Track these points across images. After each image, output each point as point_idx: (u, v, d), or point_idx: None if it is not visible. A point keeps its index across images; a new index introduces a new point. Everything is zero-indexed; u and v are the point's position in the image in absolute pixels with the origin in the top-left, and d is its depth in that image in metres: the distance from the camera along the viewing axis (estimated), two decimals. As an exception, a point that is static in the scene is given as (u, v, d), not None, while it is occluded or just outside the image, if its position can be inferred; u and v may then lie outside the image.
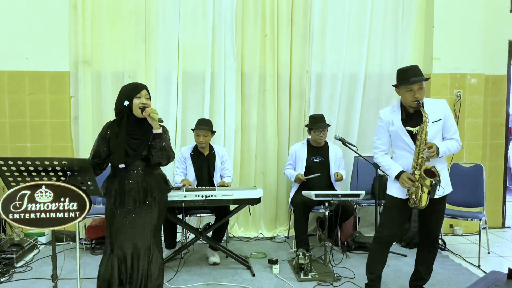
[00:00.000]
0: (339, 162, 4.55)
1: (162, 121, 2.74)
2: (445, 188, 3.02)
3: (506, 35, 5.20)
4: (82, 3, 4.61)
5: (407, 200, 3.01)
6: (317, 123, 4.39)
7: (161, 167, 3.02)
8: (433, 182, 2.85)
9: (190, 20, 4.80)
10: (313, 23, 4.93)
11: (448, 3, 4.92)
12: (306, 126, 4.54)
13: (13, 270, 3.82)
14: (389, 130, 3.09)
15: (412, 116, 3.02)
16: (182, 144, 4.79)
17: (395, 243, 4.68)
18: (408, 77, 2.94)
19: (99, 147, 2.87)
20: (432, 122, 2.96)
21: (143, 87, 2.87)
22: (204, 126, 4.17)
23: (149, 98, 2.87)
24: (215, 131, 4.30)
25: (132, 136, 2.82)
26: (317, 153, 4.48)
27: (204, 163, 4.27)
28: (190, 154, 4.29)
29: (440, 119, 3.01)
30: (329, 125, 4.48)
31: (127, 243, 2.83)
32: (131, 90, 2.83)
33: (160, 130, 2.78)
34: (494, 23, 5.11)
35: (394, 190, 3.08)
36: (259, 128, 4.99)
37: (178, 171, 4.29)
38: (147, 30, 4.75)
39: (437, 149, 2.90)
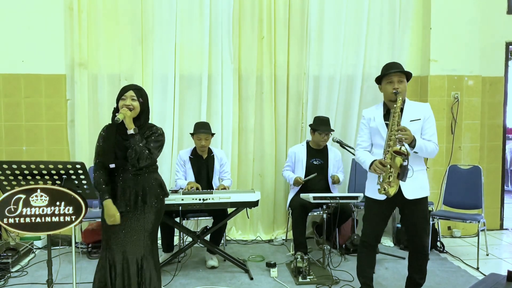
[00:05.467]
0: (338, 165, 4.54)
1: (117, 121, 2.70)
2: (422, 190, 3.01)
3: (503, 36, 5.21)
4: (78, 5, 4.59)
5: (382, 201, 2.98)
6: (323, 125, 4.40)
7: (161, 171, 2.99)
8: (404, 161, 2.77)
9: (186, 22, 4.78)
10: (310, 25, 4.93)
11: (445, 4, 4.93)
12: (310, 125, 4.51)
13: (9, 275, 3.78)
14: (370, 127, 3.10)
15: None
16: (179, 147, 4.77)
17: (393, 245, 4.68)
18: (388, 70, 3.01)
19: (101, 147, 2.87)
20: (410, 120, 2.96)
21: (129, 88, 2.84)
22: (205, 130, 4.15)
23: (137, 99, 2.81)
24: (214, 133, 4.29)
25: (123, 137, 2.81)
26: (317, 156, 4.47)
27: (203, 166, 4.25)
28: (189, 157, 4.26)
29: (419, 119, 3.00)
30: (333, 130, 4.49)
31: (119, 248, 2.81)
32: (119, 93, 2.85)
33: (131, 131, 2.73)
34: (491, 24, 5.13)
35: (371, 191, 3.09)
36: (256, 131, 4.97)
37: (179, 174, 4.27)
38: (143, 32, 4.73)
39: (414, 138, 2.85)
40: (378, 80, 3.10)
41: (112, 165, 2.80)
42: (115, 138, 2.81)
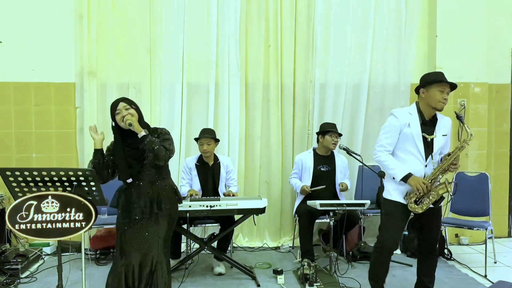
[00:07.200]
0: (345, 172, 4.55)
1: (130, 125, 2.75)
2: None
3: (509, 43, 5.22)
4: (88, 14, 4.66)
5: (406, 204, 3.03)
6: (332, 127, 4.43)
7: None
8: (452, 192, 2.92)
9: (194, 31, 4.84)
10: (316, 33, 4.97)
11: (451, 12, 4.96)
12: (318, 133, 4.51)
13: (18, 281, 3.81)
14: (402, 132, 3.01)
15: (427, 123, 3.02)
16: (187, 154, 4.80)
17: (400, 253, 4.67)
18: (441, 77, 2.99)
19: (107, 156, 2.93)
20: (442, 135, 3.01)
21: (119, 101, 2.88)
22: (207, 134, 4.18)
23: (130, 107, 2.85)
24: (218, 140, 4.31)
25: (131, 147, 2.86)
26: (324, 162, 4.48)
27: (209, 173, 4.27)
28: (195, 164, 4.29)
29: (446, 135, 3.05)
30: (341, 134, 4.52)
31: (134, 254, 2.86)
32: (111, 111, 2.88)
33: (143, 133, 2.78)
34: (497, 32, 5.14)
35: (396, 194, 3.06)
36: (263, 138, 5.00)
37: (184, 181, 4.29)
38: (151, 41, 4.80)
39: None
40: (423, 85, 3.03)
41: (129, 180, 2.86)
42: (123, 151, 2.86)
